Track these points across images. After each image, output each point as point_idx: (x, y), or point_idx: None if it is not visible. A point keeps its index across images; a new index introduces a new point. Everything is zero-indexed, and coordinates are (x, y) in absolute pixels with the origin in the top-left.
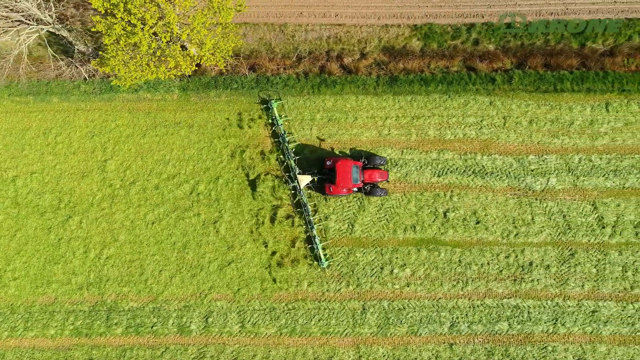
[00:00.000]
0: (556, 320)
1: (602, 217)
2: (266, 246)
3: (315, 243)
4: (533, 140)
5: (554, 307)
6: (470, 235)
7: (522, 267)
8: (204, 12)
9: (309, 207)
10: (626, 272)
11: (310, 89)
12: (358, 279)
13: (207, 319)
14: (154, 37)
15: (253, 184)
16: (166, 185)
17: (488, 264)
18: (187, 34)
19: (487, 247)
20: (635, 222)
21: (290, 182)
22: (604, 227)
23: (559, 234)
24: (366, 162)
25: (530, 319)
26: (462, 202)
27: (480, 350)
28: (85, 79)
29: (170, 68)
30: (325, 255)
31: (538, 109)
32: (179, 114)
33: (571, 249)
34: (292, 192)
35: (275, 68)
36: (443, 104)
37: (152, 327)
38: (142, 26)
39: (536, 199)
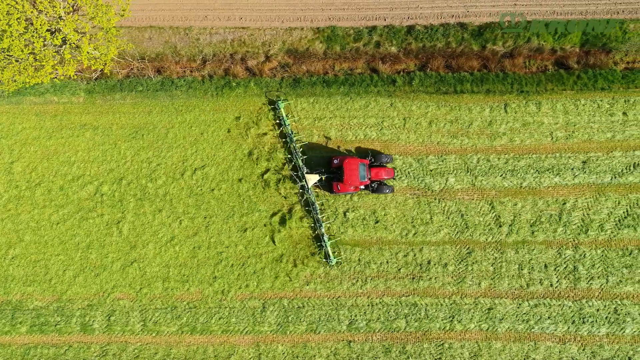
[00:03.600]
0: (453, 318)
1: (499, 216)
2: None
3: (324, 241)
4: (432, 140)
5: (451, 304)
6: (370, 235)
7: (421, 265)
8: (74, 18)
9: (317, 205)
10: (522, 270)
11: (214, 91)
12: (258, 277)
13: (109, 317)
14: (27, 42)
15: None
16: (71, 186)
17: (387, 262)
18: (62, 39)
19: (386, 246)
20: (532, 221)
21: (298, 181)
22: (500, 226)
23: (457, 232)
24: (373, 160)
25: (428, 317)
26: (362, 202)
27: (378, 348)
28: None
29: (52, 72)
30: (333, 252)
31: (438, 110)
32: (84, 117)
33: (469, 247)
34: (300, 191)
35: (181, 71)
36: (345, 105)
37: (55, 325)
38: (12, 32)
39: (435, 199)
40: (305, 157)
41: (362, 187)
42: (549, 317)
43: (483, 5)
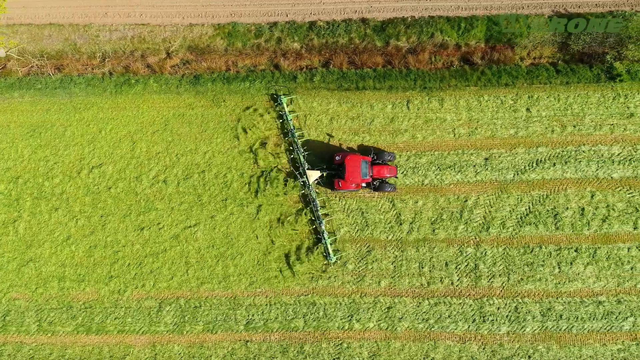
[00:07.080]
0: (352, 317)
1: (400, 214)
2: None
3: (324, 238)
4: (334, 137)
5: (350, 303)
6: None
7: None
8: None
9: (318, 202)
10: (423, 268)
11: (113, 89)
12: (155, 277)
13: (5, 317)
14: None
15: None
16: None
17: None
18: None
19: None
20: (433, 219)
21: (299, 177)
22: (401, 224)
23: (357, 230)
24: (375, 158)
25: (326, 316)
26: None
27: (275, 348)
28: None
29: None
30: (334, 250)
31: (339, 106)
32: None
33: (369, 245)
34: (301, 187)
35: (81, 68)
36: (245, 102)
37: None
38: None
39: (335, 196)
40: (307, 152)
41: (364, 184)
42: (449, 316)
43: (386, 1)
